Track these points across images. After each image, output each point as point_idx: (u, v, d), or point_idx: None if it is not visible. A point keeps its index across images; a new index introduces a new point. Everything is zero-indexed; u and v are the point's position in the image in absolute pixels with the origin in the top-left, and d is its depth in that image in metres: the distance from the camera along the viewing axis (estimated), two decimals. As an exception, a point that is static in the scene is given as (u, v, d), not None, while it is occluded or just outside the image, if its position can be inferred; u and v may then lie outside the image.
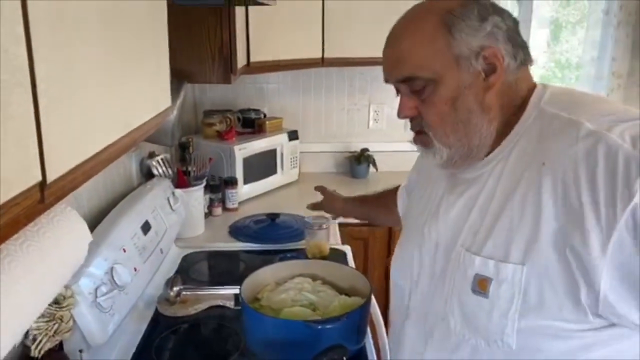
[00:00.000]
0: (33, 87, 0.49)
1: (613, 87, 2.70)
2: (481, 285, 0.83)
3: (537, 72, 2.95)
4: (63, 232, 0.73)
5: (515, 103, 0.87)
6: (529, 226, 0.78)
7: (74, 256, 0.80)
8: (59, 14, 0.54)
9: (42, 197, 0.51)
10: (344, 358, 1.12)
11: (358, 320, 1.26)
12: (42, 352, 1.03)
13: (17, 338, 0.77)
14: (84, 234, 0.82)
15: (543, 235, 0.76)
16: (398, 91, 0.90)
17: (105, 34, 0.69)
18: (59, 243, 0.71)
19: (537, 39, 2.91)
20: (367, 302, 1.31)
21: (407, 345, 0.99)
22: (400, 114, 0.90)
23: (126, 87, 0.78)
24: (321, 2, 2.31)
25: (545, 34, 2.95)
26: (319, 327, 1.19)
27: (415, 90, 0.86)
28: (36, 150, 0.50)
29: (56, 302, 1.05)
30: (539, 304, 0.77)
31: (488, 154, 0.88)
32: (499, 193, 0.84)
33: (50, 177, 0.52)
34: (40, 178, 0.50)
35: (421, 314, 0.95)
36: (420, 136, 0.90)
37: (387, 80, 0.91)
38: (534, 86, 0.89)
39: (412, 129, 0.92)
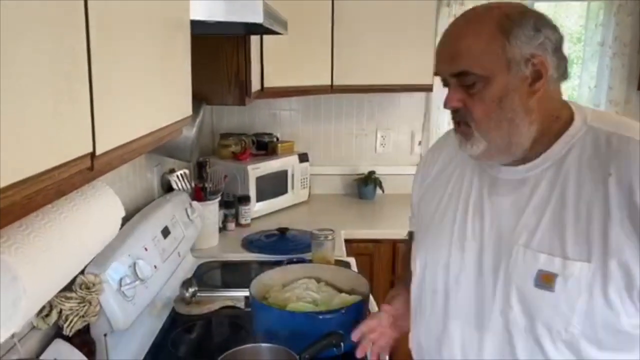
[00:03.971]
0: (90, 81, 0.64)
1: (610, 115, 2.82)
2: (546, 279, 0.90)
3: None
4: (103, 202, 0.87)
5: (553, 112, 0.94)
6: (597, 230, 0.86)
7: (110, 224, 0.94)
8: (110, 27, 0.70)
9: (92, 165, 0.66)
10: (341, 344, 1.24)
11: (355, 314, 1.38)
12: (73, 330, 1.17)
13: (59, 285, 0.89)
14: (119, 209, 0.96)
15: (610, 237, 0.85)
16: (446, 84, 0.96)
17: (145, 50, 0.85)
18: (100, 210, 0.86)
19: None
20: (365, 299, 1.43)
21: (457, 344, 1.02)
22: (448, 105, 0.95)
23: (156, 93, 0.93)
24: (330, 32, 2.48)
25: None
26: (320, 317, 1.32)
27: (466, 85, 0.92)
28: (90, 128, 0.65)
29: (86, 287, 1.19)
30: (604, 300, 0.86)
31: (527, 158, 0.95)
32: (557, 197, 0.92)
33: (99, 150, 0.67)
34: (91, 149, 0.65)
35: (470, 312, 1.00)
36: (462, 127, 0.96)
37: (437, 73, 0.98)
38: (564, 102, 0.97)
39: (454, 119, 0.98)
